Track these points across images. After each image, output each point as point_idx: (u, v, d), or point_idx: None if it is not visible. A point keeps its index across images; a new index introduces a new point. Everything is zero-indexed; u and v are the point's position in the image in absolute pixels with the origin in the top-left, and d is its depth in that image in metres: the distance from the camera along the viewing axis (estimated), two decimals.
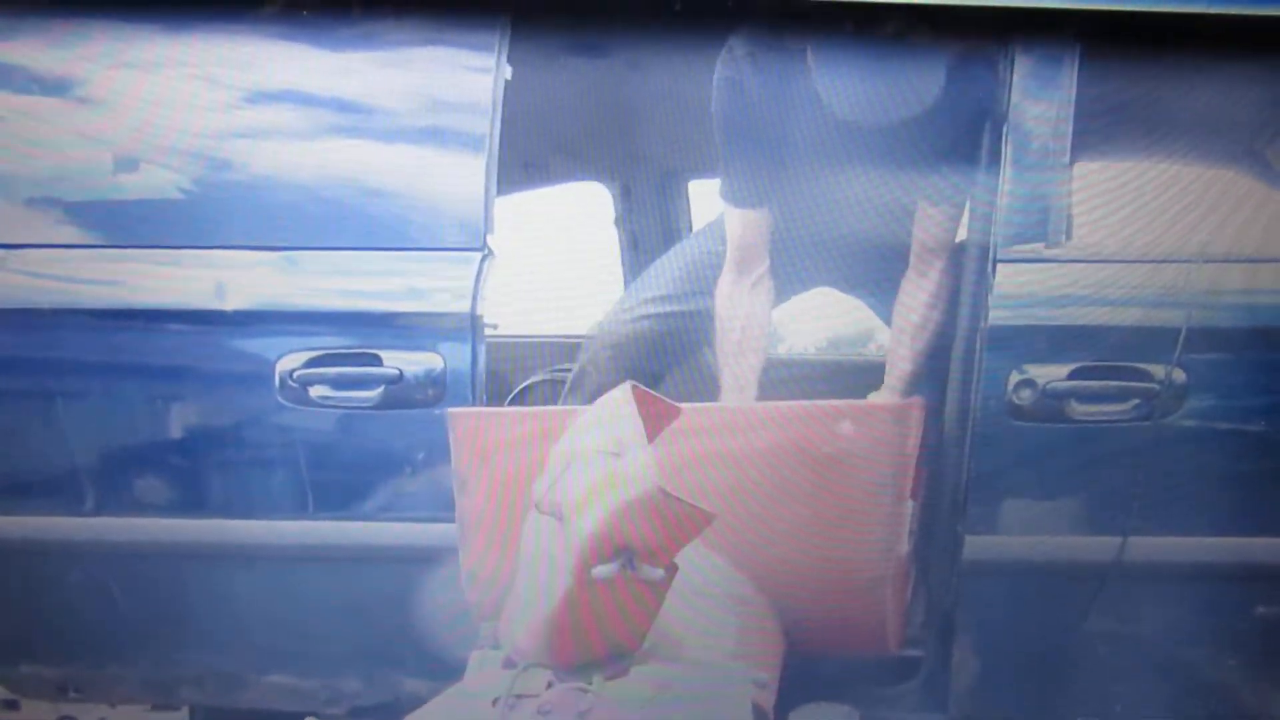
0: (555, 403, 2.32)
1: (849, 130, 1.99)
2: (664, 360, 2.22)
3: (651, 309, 2.20)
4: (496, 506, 1.88)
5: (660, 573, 1.56)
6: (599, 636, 1.61)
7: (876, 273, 2.10)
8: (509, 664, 1.68)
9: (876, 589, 1.87)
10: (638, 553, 1.53)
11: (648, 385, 2.03)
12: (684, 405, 1.69)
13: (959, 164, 1.94)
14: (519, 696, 1.58)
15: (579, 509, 1.53)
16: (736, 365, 2.07)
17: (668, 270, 2.27)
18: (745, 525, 1.79)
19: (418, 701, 1.99)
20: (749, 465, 1.83)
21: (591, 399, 2.09)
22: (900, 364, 1.99)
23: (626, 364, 2.18)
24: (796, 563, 1.86)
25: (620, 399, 1.64)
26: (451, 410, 1.90)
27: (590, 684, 1.58)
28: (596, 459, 1.57)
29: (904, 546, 1.87)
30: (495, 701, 1.58)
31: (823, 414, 1.84)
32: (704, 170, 2.72)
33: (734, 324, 2.08)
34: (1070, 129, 1.85)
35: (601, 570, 1.52)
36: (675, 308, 2.20)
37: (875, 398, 1.99)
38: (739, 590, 1.83)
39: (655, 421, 1.67)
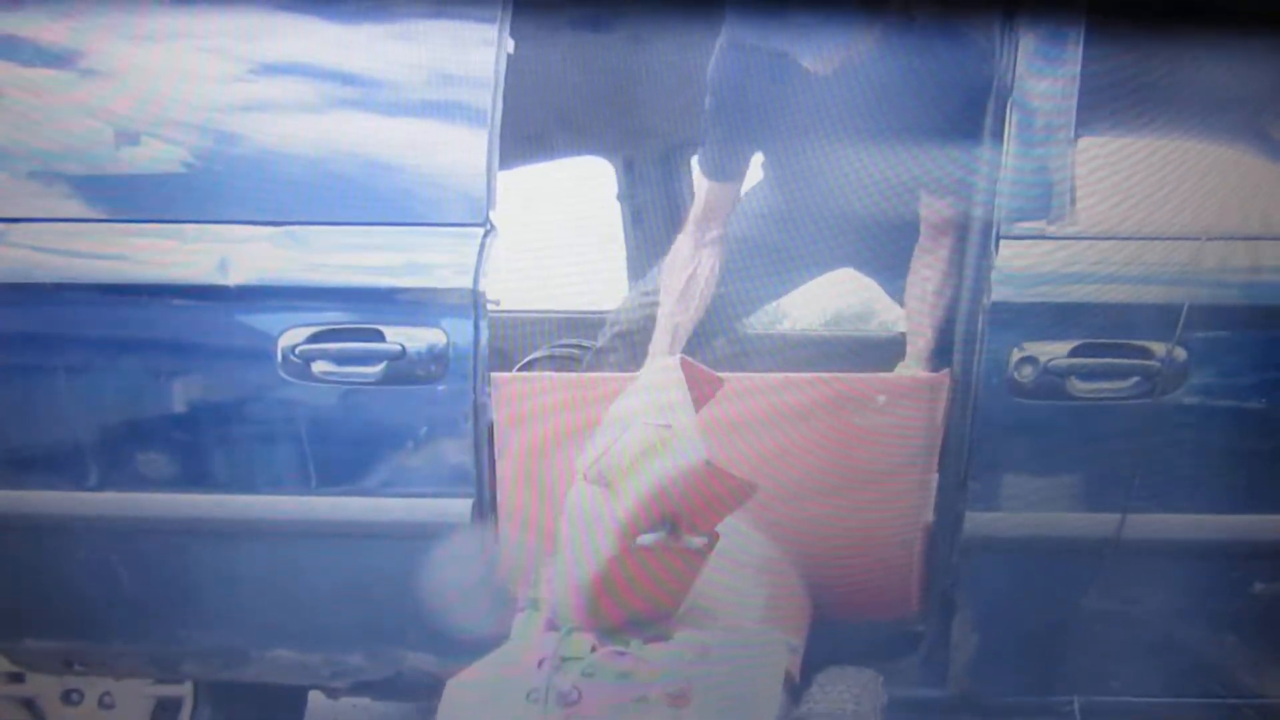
0: None
1: (850, 107, 1.99)
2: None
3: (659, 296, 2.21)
4: (535, 469, 1.90)
5: (702, 541, 1.60)
6: (639, 601, 1.65)
7: (889, 251, 2.11)
8: (552, 626, 1.71)
9: (902, 558, 1.90)
10: (682, 522, 1.55)
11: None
12: (726, 375, 1.69)
13: (963, 140, 1.93)
14: (564, 659, 1.62)
15: (626, 478, 1.56)
16: (673, 316, 2.15)
17: None
18: (778, 494, 1.81)
19: (421, 676, 2.02)
20: (784, 435, 1.85)
21: (624, 366, 2.12)
22: (922, 337, 2.01)
23: (638, 351, 2.19)
24: (827, 532, 1.89)
25: (669, 370, 1.66)
26: (494, 375, 1.91)
27: (629, 647, 1.61)
28: (645, 430, 1.59)
29: (929, 517, 1.89)
30: (541, 663, 1.61)
31: (858, 386, 1.87)
32: None
33: (681, 274, 2.17)
34: (1075, 105, 1.84)
35: (646, 538, 1.55)
36: None
37: (902, 371, 2.00)
38: (769, 557, 1.86)
39: (701, 392, 1.69)
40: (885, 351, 2.31)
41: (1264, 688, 1.94)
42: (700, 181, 2.19)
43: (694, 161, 2.87)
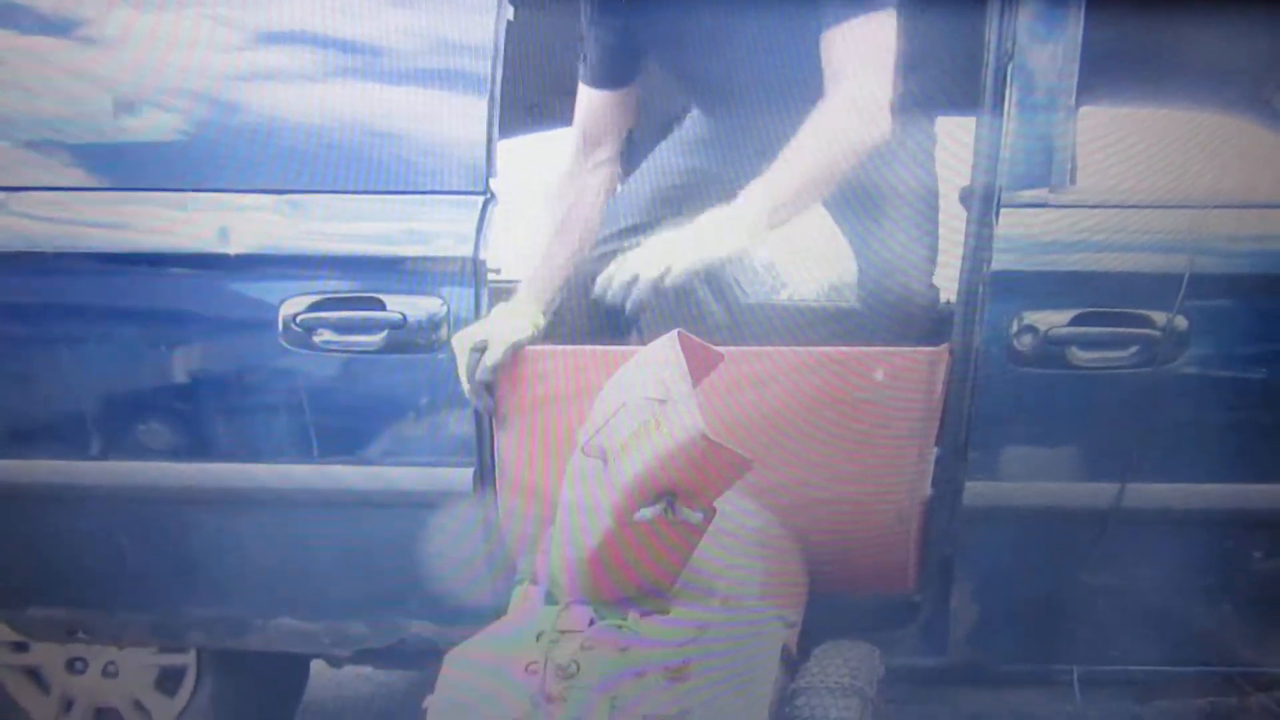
0: None
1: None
2: None
3: (618, 243, 2.07)
4: (534, 441, 1.90)
5: (700, 516, 1.60)
6: (635, 575, 1.65)
7: None
8: (551, 600, 1.72)
9: (901, 532, 1.90)
10: (679, 497, 1.56)
11: (625, 323, 2.03)
12: (724, 350, 1.70)
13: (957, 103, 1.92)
14: (562, 632, 1.62)
15: (624, 453, 1.56)
16: (550, 252, 1.95)
17: (633, 198, 2.14)
18: (777, 467, 1.81)
19: (423, 644, 2.03)
20: (783, 409, 1.84)
21: (572, 339, 2.09)
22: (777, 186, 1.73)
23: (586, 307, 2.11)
24: (825, 505, 1.89)
25: (666, 345, 1.66)
26: None
27: (626, 620, 1.61)
28: (642, 404, 1.59)
29: (927, 490, 1.89)
30: (539, 636, 1.61)
31: (857, 360, 1.86)
32: None
33: (562, 203, 1.97)
34: (1076, 72, 1.83)
35: (644, 513, 1.55)
36: (644, 236, 2.04)
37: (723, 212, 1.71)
38: (767, 531, 1.86)
39: (699, 367, 1.69)
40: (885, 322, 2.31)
41: (1259, 657, 1.95)
42: (582, 92, 1.99)
43: None
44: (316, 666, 2.56)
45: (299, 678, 2.56)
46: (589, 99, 1.98)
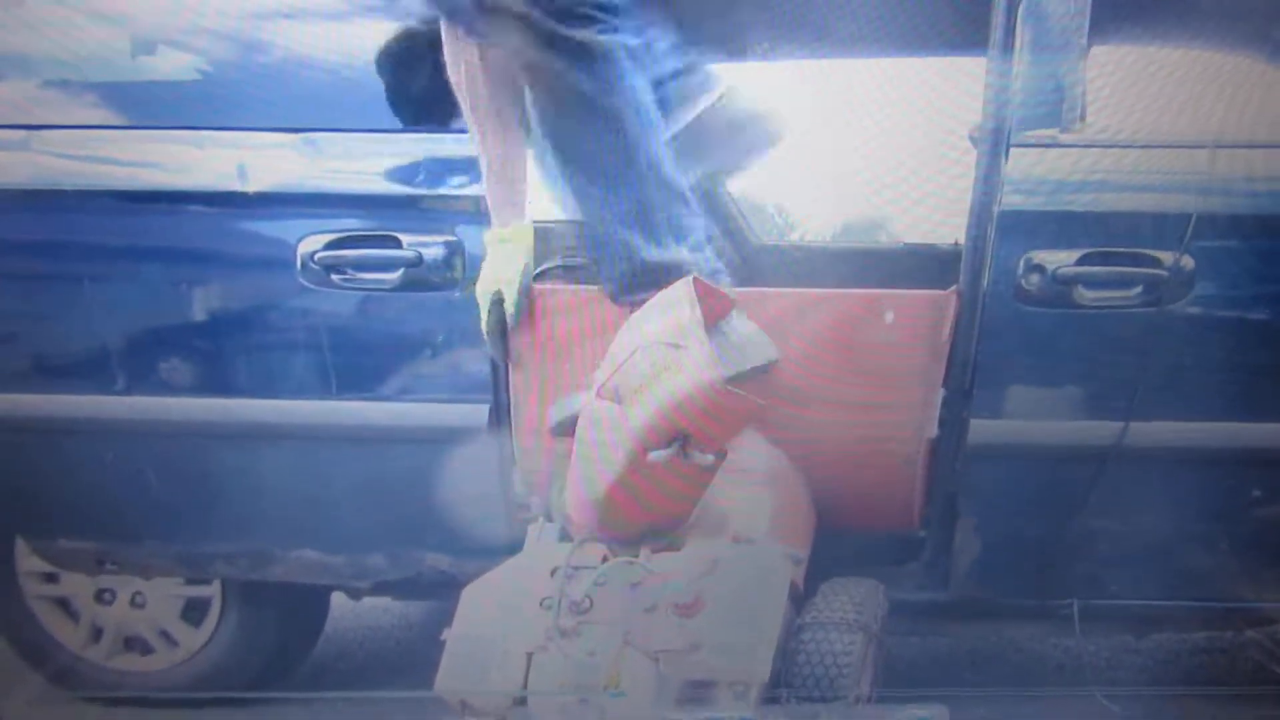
0: None
1: None
2: None
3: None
4: (549, 381, 1.92)
5: (711, 458, 1.63)
6: (648, 514, 1.68)
7: None
8: (565, 537, 1.76)
9: (907, 470, 1.93)
10: (692, 439, 1.58)
11: None
12: (736, 292, 1.72)
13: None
14: (576, 568, 1.66)
15: (638, 396, 1.58)
16: (488, 165, 1.89)
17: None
18: (786, 408, 1.83)
19: (440, 576, 2.08)
20: (793, 350, 1.86)
21: None
22: None
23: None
24: (834, 445, 1.92)
25: (681, 290, 1.67)
26: None
27: (638, 557, 1.65)
28: (657, 349, 1.61)
29: (934, 430, 1.90)
30: (554, 572, 1.65)
31: (866, 302, 1.87)
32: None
33: (459, 89, 1.88)
34: (1088, 11, 1.82)
35: (657, 455, 1.57)
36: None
37: None
38: (776, 469, 1.89)
39: (713, 311, 1.70)
40: (895, 263, 2.33)
41: (1256, 594, 1.97)
42: None
43: None
44: (336, 599, 2.61)
45: (320, 609, 2.61)
46: None
